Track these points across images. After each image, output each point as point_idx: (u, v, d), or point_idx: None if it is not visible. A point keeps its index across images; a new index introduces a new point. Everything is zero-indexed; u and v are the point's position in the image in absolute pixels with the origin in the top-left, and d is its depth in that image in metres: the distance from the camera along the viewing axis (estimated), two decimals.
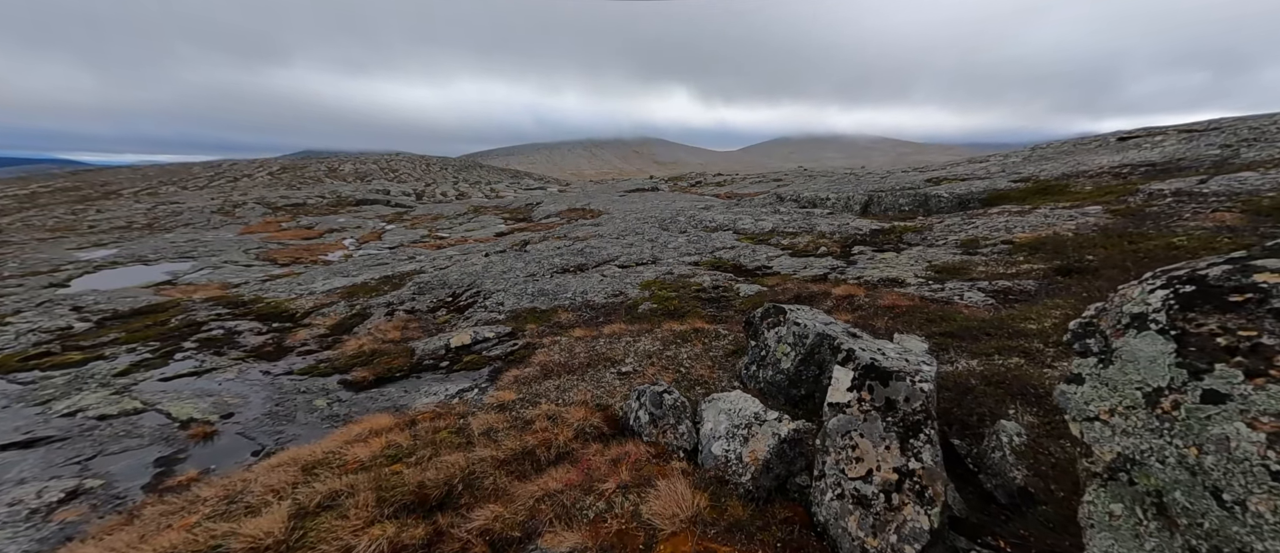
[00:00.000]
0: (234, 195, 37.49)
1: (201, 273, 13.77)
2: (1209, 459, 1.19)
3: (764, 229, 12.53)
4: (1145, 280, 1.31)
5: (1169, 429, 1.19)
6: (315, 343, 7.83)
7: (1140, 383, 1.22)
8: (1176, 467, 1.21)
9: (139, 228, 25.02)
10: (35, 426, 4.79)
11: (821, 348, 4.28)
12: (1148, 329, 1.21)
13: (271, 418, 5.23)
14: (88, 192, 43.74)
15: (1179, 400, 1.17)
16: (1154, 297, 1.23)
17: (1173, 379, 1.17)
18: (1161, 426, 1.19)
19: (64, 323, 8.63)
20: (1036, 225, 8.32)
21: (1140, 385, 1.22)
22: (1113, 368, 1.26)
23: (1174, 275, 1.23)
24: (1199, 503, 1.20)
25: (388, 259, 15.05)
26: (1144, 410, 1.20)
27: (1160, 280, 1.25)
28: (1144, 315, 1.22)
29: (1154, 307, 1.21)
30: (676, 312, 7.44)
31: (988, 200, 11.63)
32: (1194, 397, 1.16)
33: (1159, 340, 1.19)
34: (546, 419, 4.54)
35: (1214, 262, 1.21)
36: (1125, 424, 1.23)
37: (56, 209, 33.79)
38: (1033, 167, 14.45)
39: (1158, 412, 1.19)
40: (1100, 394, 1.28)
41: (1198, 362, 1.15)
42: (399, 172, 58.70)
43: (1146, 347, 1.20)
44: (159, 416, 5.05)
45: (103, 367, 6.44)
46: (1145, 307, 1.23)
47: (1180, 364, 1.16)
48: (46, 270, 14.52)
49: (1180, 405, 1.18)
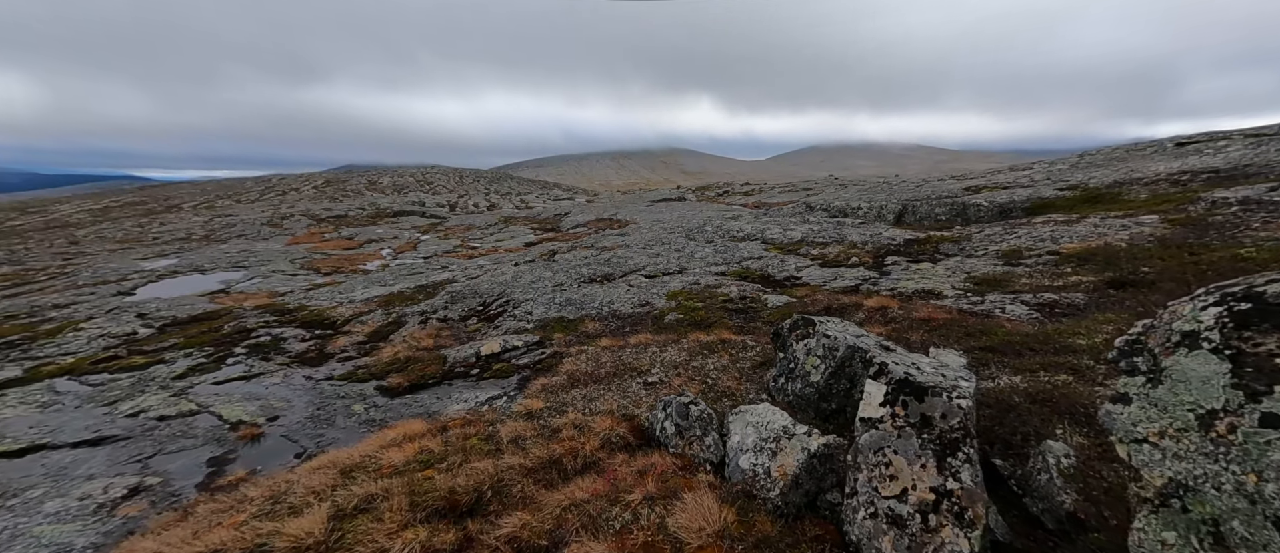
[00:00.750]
0: (282, 208, 39.63)
1: (252, 282, 14.58)
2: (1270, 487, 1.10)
3: (793, 239, 12.34)
4: (1197, 296, 1.23)
5: (1225, 454, 1.11)
6: (354, 350, 8.15)
7: (1192, 404, 1.14)
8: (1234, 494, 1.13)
9: (197, 239, 26.75)
10: (103, 425, 5.16)
11: (853, 361, 4.18)
12: (1200, 348, 1.13)
13: (313, 421, 5.46)
14: (153, 206, 47.11)
15: (1235, 424, 1.09)
16: (1206, 314, 1.15)
17: (1228, 401, 1.09)
18: (1217, 450, 1.11)
19: (130, 329, 9.29)
20: (1086, 235, 7.89)
21: (1192, 407, 1.14)
22: (1162, 388, 1.18)
23: (1228, 291, 1.15)
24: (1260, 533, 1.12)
25: (422, 269, 15.56)
26: (1197, 434, 1.13)
27: (1213, 297, 1.18)
28: (1195, 333, 1.15)
29: (1206, 324, 1.14)
30: (703, 322, 7.39)
31: (1031, 209, 11.11)
32: (1252, 420, 1.07)
33: (1212, 360, 1.12)
34: (573, 428, 4.58)
35: (1273, 278, 1.13)
36: (1177, 448, 1.15)
37: (125, 222, 36.51)
38: (1081, 174, 13.74)
39: (1212, 435, 1.11)
40: (1149, 415, 1.21)
41: (1255, 383, 1.06)
42: (434, 184, 60.80)
43: (1199, 366, 1.13)
44: (211, 418, 5.36)
45: (163, 370, 6.89)
46: (1197, 324, 1.15)
47: (1236, 385, 1.08)
48: (115, 280, 15.67)
49: (1237, 429, 1.10)
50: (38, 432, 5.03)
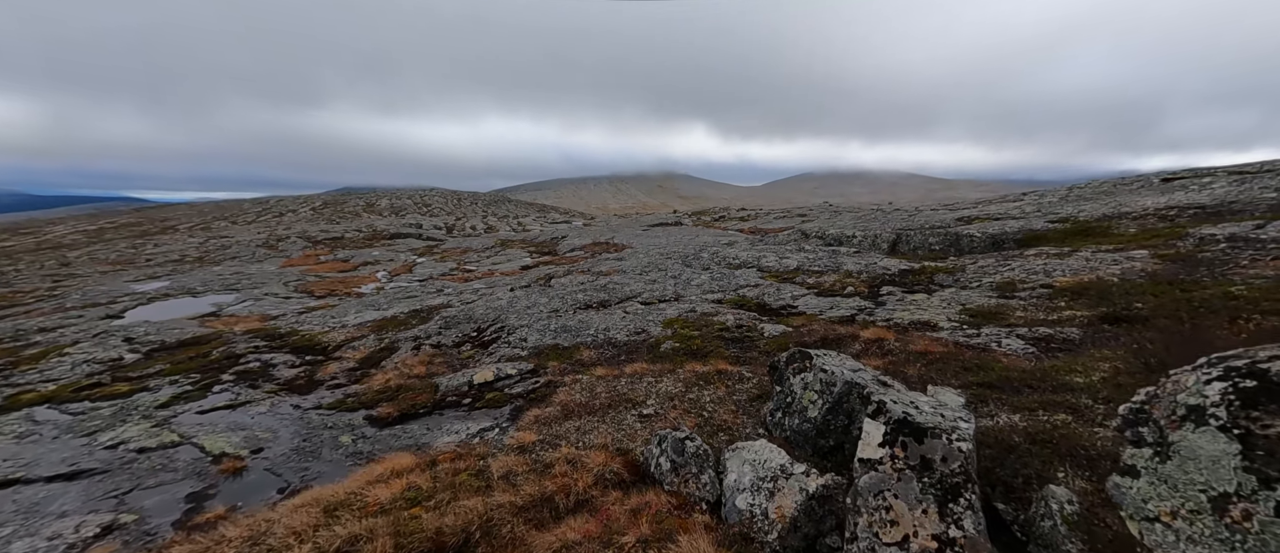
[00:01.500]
0: (279, 229, 39.59)
1: (244, 305, 14.42)
2: None
3: (788, 267, 12.39)
4: (1199, 367, 1.22)
5: (1242, 542, 1.07)
6: (344, 377, 8.01)
7: (1203, 485, 1.11)
8: None
9: (191, 261, 26.57)
10: (80, 457, 4.99)
11: (850, 397, 4.13)
12: (1207, 425, 1.11)
13: (298, 454, 5.31)
14: (148, 227, 46.96)
15: (1250, 510, 1.06)
16: (1211, 389, 1.13)
17: (1241, 485, 1.06)
18: (1233, 537, 1.07)
19: (116, 354, 9.11)
20: (1078, 269, 7.96)
21: (1204, 488, 1.11)
22: (1171, 464, 1.15)
23: (1232, 366, 1.14)
24: None
25: (417, 292, 15.46)
26: (1210, 517, 1.09)
27: (1217, 370, 1.16)
28: (1202, 409, 1.13)
29: (1212, 399, 1.12)
30: (699, 352, 7.33)
31: (1023, 241, 11.25)
32: (1268, 508, 1.04)
33: (1221, 439, 1.09)
34: (566, 463, 4.47)
35: (1275, 354, 1.12)
36: (1191, 531, 1.12)
37: (119, 243, 36.30)
38: (1071, 207, 13.97)
39: (1227, 521, 1.07)
40: (1159, 493, 1.17)
41: (1269, 469, 1.04)
42: (432, 206, 61.09)
43: (1207, 445, 1.10)
44: (194, 449, 5.20)
45: (147, 398, 6.73)
46: (1202, 399, 1.13)
47: (1248, 469, 1.06)
48: (105, 302, 15.47)
49: (1252, 516, 1.07)
50: (11, 465, 4.86)
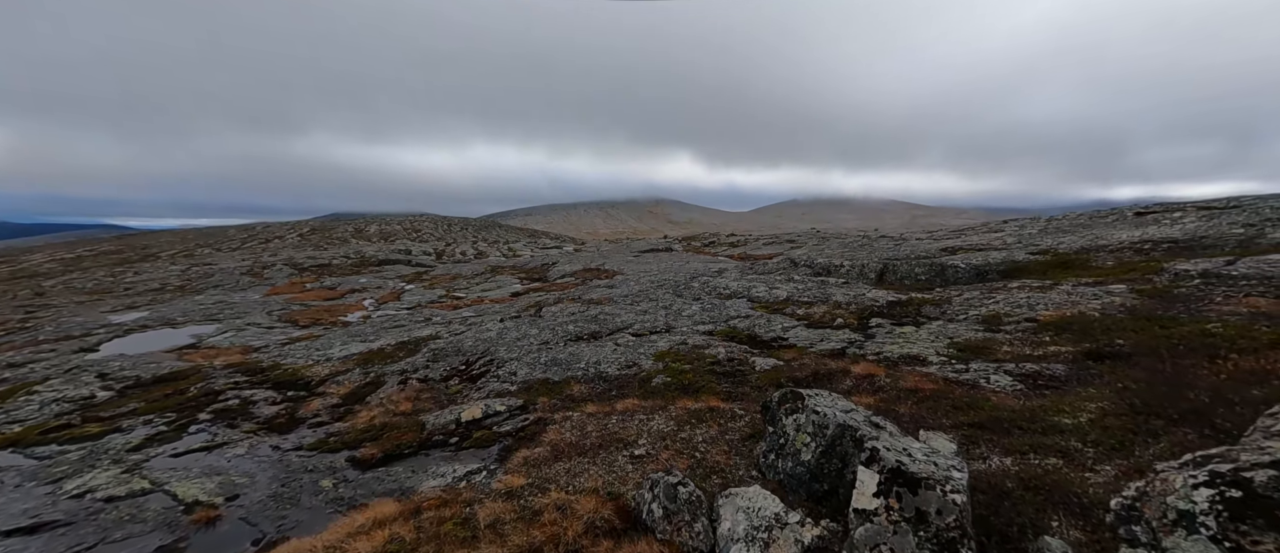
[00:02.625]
0: (264, 256, 39.05)
1: (225, 336, 14.08)
2: None
3: (778, 298, 12.48)
4: (1184, 466, 1.25)
5: None
6: (327, 414, 7.80)
7: None
8: None
9: (172, 290, 26.01)
10: (43, 508, 4.75)
11: (843, 440, 4.11)
12: (1198, 534, 1.12)
13: (276, 500, 5.11)
14: (128, 255, 46.06)
15: None
16: (1199, 495, 1.15)
17: None
18: None
19: (88, 392, 8.78)
20: (1060, 303, 8.13)
21: None
22: None
23: (1216, 470, 1.16)
24: None
25: (405, 321, 15.25)
26: None
27: (1202, 473, 1.19)
28: (1191, 515, 1.14)
29: (1201, 507, 1.14)
30: (691, 387, 7.28)
31: (1006, 272, 11.49)
32: None
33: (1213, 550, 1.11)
34: (556, 510, 4.36)
35: (1258, 462, 1.15)
36: None
37: (97, 272, 35.47)
38: (1050, 239, 14.35)
39: None
40: None
41: None
42: (422, 232, 60.88)
43: None
44: (165, 497, 4.98)
45: (118, 440, 6.47)
46: (1191, 504, 1.15)
47: None
48: (79, 334, 15.01)
49: None
50: None
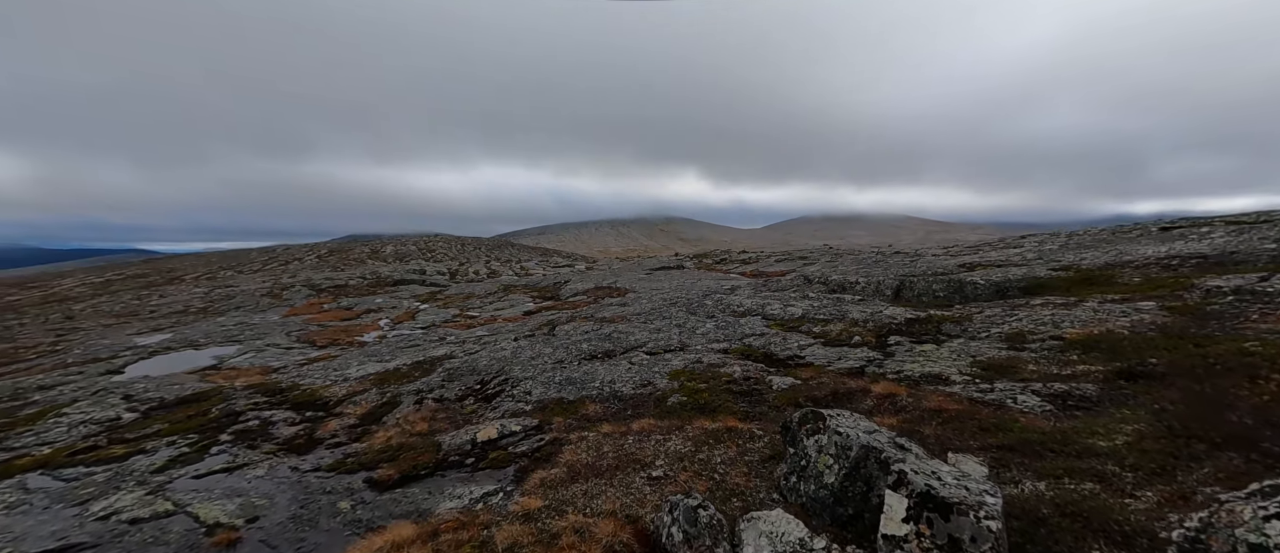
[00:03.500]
0: (284, 278, 39.90)
1: (245, 357, 14.32)
2: None
3: (794, 315, 12.36)
4: (1251, 496, 1.19)
5: None
6: (345, 434, 7.84)
7: None
8: None
9: (195, 312, 26.64)
10: (70, 530, 4.82)
11: (868, 462, 4.01)
12: None
13: (295, 522, 5.12)
14: (154, 278, 47.42)
15: None
16: (1272, 528, 1.10)
17: None
18: None
19: (114, 414, 8.97)
20: (1087, 320, 7.91)
21: None
22: None
23: None
24: None
25: (420, 340, 15.38)
26: None
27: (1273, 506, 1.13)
28: (1265, 549, 1.09)
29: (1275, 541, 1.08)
30: (707, 406, 7.20)
31: (1028, 289, 11.24)
32: None
33: None
34: (573, 533, 4.30)
35: None
36: None
37: (124, 295, 36.53)
38: (1072, 254, 14.05)
39: None
40: None
41: None
42: (436, 252, 61.81)
43: None
44: (187, 519, 5.03)
45: (143, 462, 6.57)
46: (1264, 538, 1.10)
47: None
48: (106, 357, 15.40)
49: None
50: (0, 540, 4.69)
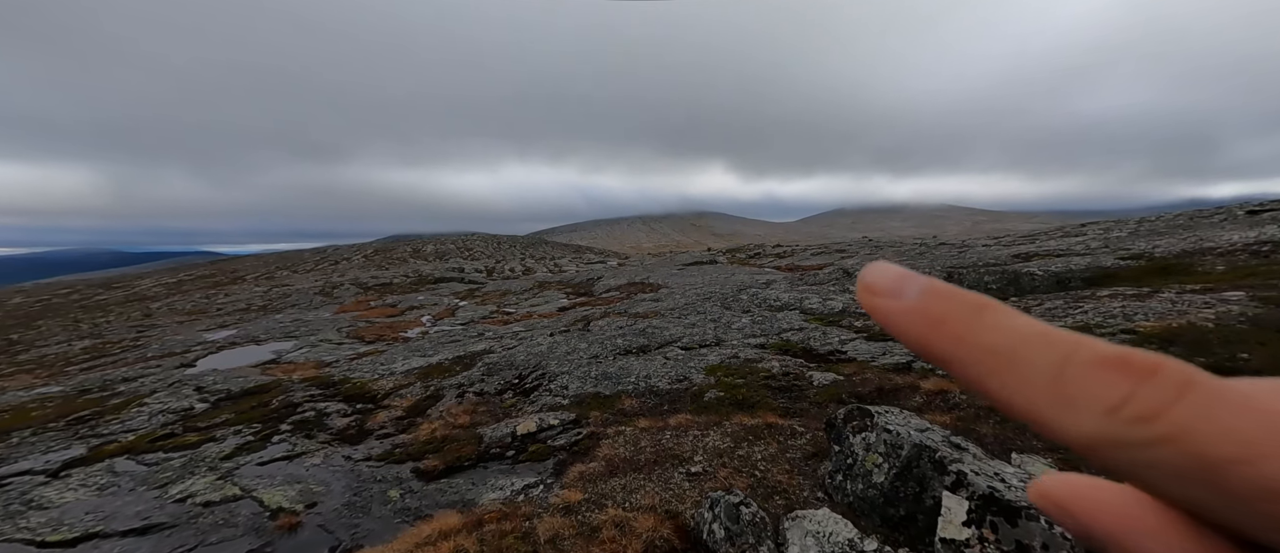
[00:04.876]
0: (334, 277, 42.08)
1: (300, 352, 15.18)
2: None
3: (833, 309, 11.99)
4: None
5: None
6: (392, 426, 8.17)
7: None
8: None
9: (256, 310, 28.47)
10: (153, 511, 5.23)
11: (920, 461, 3.83)
12: None
13: (349, 509, 5.37)
14: (219, 278, 51.03)
15: None
16: None
17: None
18: None
19: (187, 404, 9.70)
20: (1164, 313, 7.27)
21: None
22: None
23: None
24: None
25: (460, 336, 15.86)
26: None
27: None
28: None
29: None
30: (746, 402, 7.08)
31: (1093, 280, 10.45)
32: None
33: None
34: (614, 527, 4.31)
35: None
36: None
37: (194, 294, 39.47)
38: (1143, 241, 12.96)
39: None
40: None
41: None
42: (473, 250, 63.72)
43: None
44: (253, 503, 5.36)
45: (213, 449, 7.06)
46: None
47: None
48: (179, 351, 16.67)
49: None
50: (93, 519, 5.14)
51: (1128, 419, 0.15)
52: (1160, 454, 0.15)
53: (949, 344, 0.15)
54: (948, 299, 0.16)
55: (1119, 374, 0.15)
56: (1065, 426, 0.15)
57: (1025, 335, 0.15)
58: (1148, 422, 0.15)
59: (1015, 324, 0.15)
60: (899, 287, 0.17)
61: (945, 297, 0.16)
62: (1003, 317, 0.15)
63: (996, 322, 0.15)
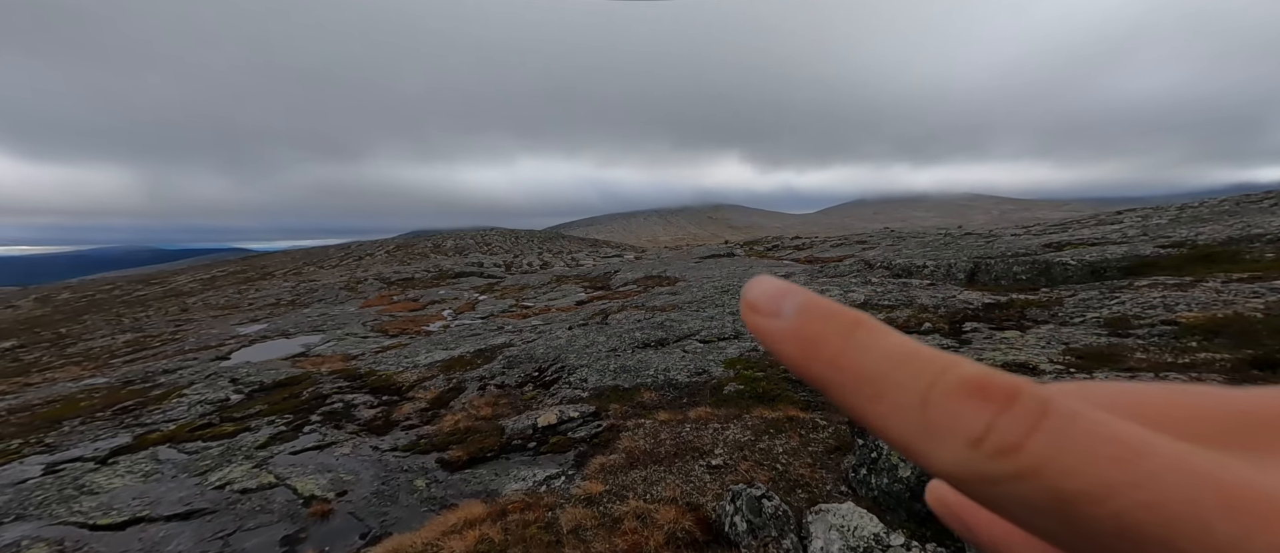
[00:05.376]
0: (358, 272, 43.11)
1: (328, 345, 15.62)
2: None
3: (855, 301, 11.78)
4: None
5: None
6: (417, 417, 8.36)
7: None
8: None
9: (285, 304, 29.38)
10: (194, 497, 5.48)
11: None
12: None
13: (378, 498, 5.53)
14: (250, 274, 52.74)
15: None
16: None
17: None
18: None
19: (223, 395, 10.09)
20: (1207, 303, 6.94)
21: None
22: None
23: None
24: None
25: (480, 330, 16.10)
26: None
27: None
28: None
29: None
30: (766, 395, 7.03)
31: (1130, 269, 10.03)
32: None
33: None
34: (635, 519, 4.34)
35: None
36: None
37: (227, 289, 40.91)
38: (1185, 228, 12.37)
39: None
40: None
41: None
42: (491, 245, 64.46)
43: None
44: (287, 491, 5.56)
45: (248, 438, 7.35)
46: None
47: None
48: (215, 345, 17.32)
49: None
50: (139, 504, 5.41)
51: (989, 453, 0.13)
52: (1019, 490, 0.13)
53: (823, 368, 0.14)
54: (823, 318, 0.14)
55: (980, 402, 0.14)
56: (932, 458, 0.14)
57: (895, 358, 0.14)
58: (1007, 456, 0.13)
59: (886, 345, 0.14)
60: (777, 304, 0.15)
61: (821, 315, 0.14)
62: (875, 336, 0.14)
63: (869, 342, 0.14)
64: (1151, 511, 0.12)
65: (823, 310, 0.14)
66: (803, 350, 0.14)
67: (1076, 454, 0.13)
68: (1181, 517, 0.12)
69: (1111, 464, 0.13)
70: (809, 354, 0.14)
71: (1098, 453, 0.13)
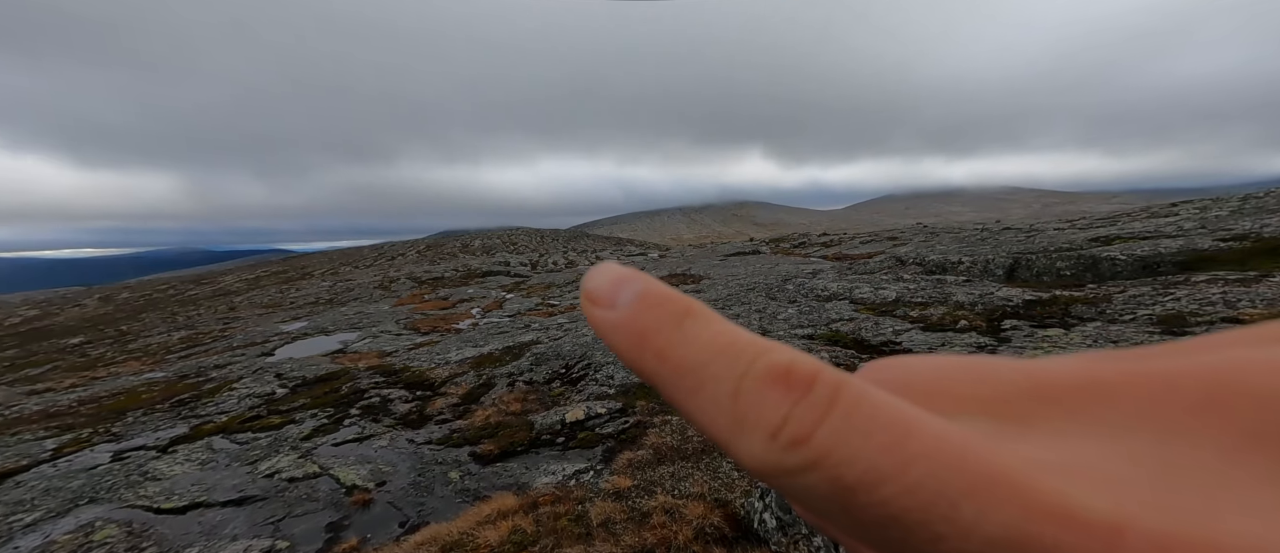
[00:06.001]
0: (390, 272, 44.50)
1: (364, 342, 16.22)
2: None
3: (886, 298, 11.49)
4: None
5: None
6: (450, 412, 8.61)
7: None
8: None
9: (323, 302, 30.64)
10: (246, 485, 5.81)
11: None
12: None
13: (414, 489, 5.73)
14: (291, 274, 55.15)
15: None
16: None
17: None
18: None
19: (269, 389, 10.63)
20: (1274, 299, 6.48)
21: None
22: None
23: None
24: None
25: (508, 327, 16.39)
26: None
27: None
28: None
29: None
30: None
31: (1186, 264, 9.44)
32: None
33: None
34: (664, 513, 4.38)
35: None
36: None
37: (270, 289, 42.89)
38: (1248, 220, 11.55)
39: None
40: None
41: None
42: (518, 244, 65.53)
43: None
44: (331, 481, 5.84)
45: (294, 430, 7.72)
46: None
47: None
48: (260, 341, 18.22)
49: None
50: (197, 489, 5.78)
51: (784, 444, 0.12)
52: (810, 482, 0.12)
53: (652, 361, 0.13)
54: (655, 308, 0.13)
55: (782, 390, 0.12)
56: (739, 452, 0.12)
57: (715, 348, 0.13)
58: (798, 446, 0.12)
59: (707, 334, 0.13)
60: (614, 294, 0.14)
61: (654, 304, 0.13)
62: (700, 326, 0.13)
63: (693, 333, 0.13)
64: (912, 495, 0.11)
65: (657, 299, 0.14)
66: (634, 344, 0.13)
67: (854, 442, 0.11)
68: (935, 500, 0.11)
69: (882, 450, 0.11)
70: (640, 347, 0.13)
71: (872, 440, 0.11)
